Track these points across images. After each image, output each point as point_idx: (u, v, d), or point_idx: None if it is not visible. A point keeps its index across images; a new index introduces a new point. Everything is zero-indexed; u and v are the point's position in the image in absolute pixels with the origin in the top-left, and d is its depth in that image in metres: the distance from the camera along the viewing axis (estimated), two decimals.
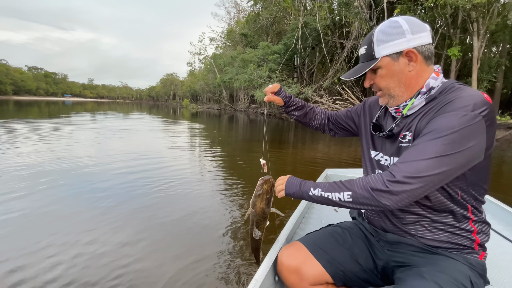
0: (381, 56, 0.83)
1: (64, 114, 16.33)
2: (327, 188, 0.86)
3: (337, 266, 0.95)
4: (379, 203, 0.75)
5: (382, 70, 0.84)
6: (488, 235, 0.88)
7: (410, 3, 14.19)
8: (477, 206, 0.84)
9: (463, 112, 0.71)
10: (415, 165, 0.72)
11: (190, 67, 56.56)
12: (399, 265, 0.90)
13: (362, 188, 0.78)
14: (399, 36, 0.80)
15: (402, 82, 0.84)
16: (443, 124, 0.72)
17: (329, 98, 17.79)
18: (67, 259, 1.87)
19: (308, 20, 19.04)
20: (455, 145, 0.70)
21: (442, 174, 0.71)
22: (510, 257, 1.27)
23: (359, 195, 0.78)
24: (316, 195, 0.88)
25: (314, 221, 1.59)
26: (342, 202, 0.82)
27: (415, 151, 0.74)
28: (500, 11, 13.72)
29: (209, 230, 2.38)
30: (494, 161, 6.74)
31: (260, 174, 1.14)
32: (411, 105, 0.85)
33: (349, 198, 0.80)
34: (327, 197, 0.85)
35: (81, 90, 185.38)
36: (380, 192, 0.74)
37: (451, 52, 12.87)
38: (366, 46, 0.87)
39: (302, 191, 0.92)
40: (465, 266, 0.80)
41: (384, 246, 0.96)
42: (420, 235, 0.87)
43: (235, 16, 40.72)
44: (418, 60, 0.82)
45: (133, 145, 6.40)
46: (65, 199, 2.90)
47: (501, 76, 14.97)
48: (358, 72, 0.87)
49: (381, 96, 0.91)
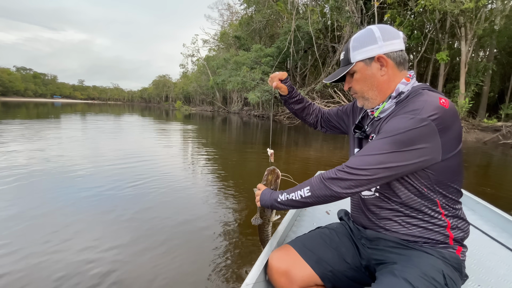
0: (355, 61, 0.89)
1: (54, 115, 15.99)
2: (291, 190, 0.94)
3: (325, 266, 0.97)
4: (331, 191, 0.82)
5: (357, 74, 0.91)
6: (465, 232, 0.89)
7: (400, 8, 14.50)
8: (448, 203, 0.86)
9: (410, 115, 0.76)
10: (363, 158, 0.80)
11: (183, 68, 56.39)
12: (378, 262, 0.93)
13: (317, 180, 0.87)
14: (371, 42, 0.87)
15: (374, 86, 0.90)
16: (392, 125, 0.79)
17: (322, 100, 17.94)
18: (57, 266, 1.81)
19: (300, 23, 19.21)
20: (399, 144, 0.76)
21: (385, 169, 0.78)
22: (498, 258, 1.29)
23: (316, 187, 0.86)
24: (283, 199, 0.94)
25: (306, 224, 1.60)
26: (304, 198, 0.88)
27: (367, 148, 0.82)
28: (487, 16, 14.13)
29: (202, 233, 2.35)
30: (483, 162, 6.90)
31: (267, 164, 1.19)
32: (382, 108, 0.90)
33: (308, 192, 0.87)
34: (292, 198, 0.91)
35: (71, 92, 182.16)
36: (331, 180, 0.83)
37: (440, 56, 13.18)
38: (344, 52, 0.94)
39: (271, 200, 0.98)
40: (438, 260, 0.82)
41: (365, 244, 0.99)
42: (395, 229, 0.90)
43: (228, 19, 40.82)
44: (389, 65, 0.87)
45: (125, 148, 6.30)
46: (54, 204, 2.82)
47: (488, 80, 15.36)
48: (337, 75, 0.94)
49: (357, 98, 0.97)
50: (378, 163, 0.78)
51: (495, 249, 1.37)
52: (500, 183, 4.72)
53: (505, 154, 8.50)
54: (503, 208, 1.74)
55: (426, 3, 11.63)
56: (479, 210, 1.83)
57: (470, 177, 5.01)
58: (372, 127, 0.96)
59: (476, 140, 11.58)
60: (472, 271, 1.17)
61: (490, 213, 1.73)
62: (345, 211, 1.22)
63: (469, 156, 7.74)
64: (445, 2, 11.30)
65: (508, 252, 1.34)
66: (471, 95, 13.91)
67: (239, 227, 2.50)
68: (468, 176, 5.08)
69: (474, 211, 1.85)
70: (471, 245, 1.39)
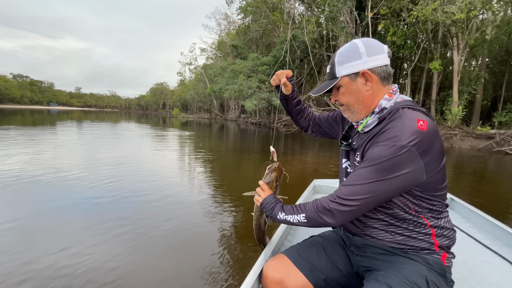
0: (341, 76, 0.90)
1: (49, 122, 15.89)
2: (289, 211, 0.98)
3: (318, 274, 0.97)
4: (325, 221, 0.87)
5: (343, 88, 0.92)
6: (451, 239, 0.90)
7: (393, 18, 14.84)
8: (433, 214, 0.87)
9: (391, 143, 0.78)
10: (352, 189, 0.82)
11: (180, 76, 56.68)
12: (366, 269, 0.94)
13: (311, 209, 0.90)
14: (356, 58, 0.87)
15: (359, 100, 0.91)
16: (374, 154, 0.81)
17: (318, 108, 18.10)
18: (50, 274, 1.77)
19: (296, 33, 19.55)
20: (384, 172, 0.78)
21: (374, 197, 0.81)
22: (490, 266, 1.29)
23: (311, 216, 0.90)
24: (282, 218, 0.99)
25: (301, 233, 1.59)
26: (301, 223, 0.93)
27: (353, 176, 0.84)
28: (478, 26, 14.51)
29: (198, 241, 2.33)
30: (477, 169, 6.96)
31: (264, 171, 1.18)
32: (365, 123, 0.92)
33: (304, 219, 0.92)
34: (290, 220, 0.96)
35: (68, 99, 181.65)
36: (324, 211, 0.87)
37: (433, 65, 13.45)
38: (330, 66, 0.95)
39: (272, 214, 1.03)
40: (422, 266, 0.83)
41: (354, 251, 1.00)
42: (381, 237, 0.92)
43: (226, 28, 41.38)
44: (374, 80, 0.88)
45: (121, 155, 6.26)
46: (49, 211, 2.78)
47: (481, 88, 15.67)
48: (323, 89, 0.96)
49: (343, 111, 0.99)
50: (366, 193, 0.80)
51: (488, 257, 1.38)
52: (493, 191, 4.75)
53: (499, 161, 8.60)
54: (496, 215, 1.75)
55: (418, 14, 11.93)
56: (472, 218, 1.84)
57: (465, 184, 5.05)
58: (357, 140, 0.98)
59: (470, 148, 11.71)
60: (464, 279, 1.17)
61: (483, 221, 1.73)
62: None
63: (463, 164, 7.81)
64: (437, 13, 11.60)
65: (500, 260, 1.35)
66: (465, 103, 14.15)
67: (236, 235, 2.48)
68: (463, 183, 5.11)
69: (467, 219, 1.86)
70: (464, 253, 1.40)
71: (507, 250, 1.44)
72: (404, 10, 14.10)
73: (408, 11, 13.66)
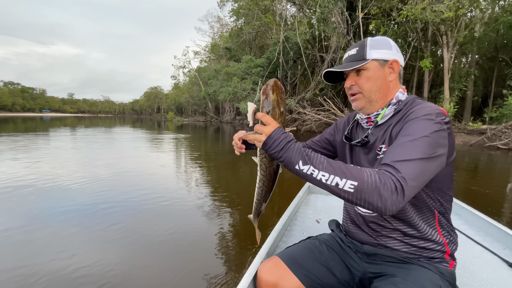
0: (371, 58, 0.88)
1: (42, 129, 15.69)
2: (325, 166, 0.72)
3: (313, 279, 0.96)
4: (382, 204, 0.66)
5: (369, 72, 0.89)
6: (456, 244, 0.92)
7: (383, 18, 15.03)
8: (444, 213, 0.89)
9: (429, 118, 0.77)
10: (410, 165, 0.69)
11: (174, 80, 56.53)
12: (376, 275, 0.92)
13: (372, 181, 0.67)
14: (388, 47, 0.90)
15: (381, 88, 0.90)
16: (416, 127, 0.76)
17: (312, 109, 18.18)
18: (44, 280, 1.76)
19: (289, 34, 19.66)
20: (431, 148, 0.72)
21: (426, 178, 0.72)
22: (481, 261, 1.31)
23: (366, 189, 0.67)
24: (305, 171, 0.73)
25: (296, 233, 1.59)
26: (338, 189, 0.69)
27: (403, 151, 0.72)
28: (467, 24, 14.77)
29: (194, 243, 2.33)
30: (469, 164, 7.07)
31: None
32: (383, 113, 0.91)
33: (351, 188, 0.68)
34: (320, 180, 0.71)
35: (61, 105, 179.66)
36: (390, 191, 0.66)
37: (423, 63, 13.64)
38: (358, 48, 0.91)
39: (287, 156, 0.76)
40: (436, 275, 0.83)
41: (362, 257, 0.99)
42: (395, 247, 0.91)
43: (219, 31, 41.43)
44: (396, 73, 0.91)
45: (116, 159, 6.21)
46: (44, 218, 2.75)
47: (471, 84, 15.93)
48: (348, 66, 0.89)
49: (358, 99, 0.93)
50: (422, 172, 0.70)
51: (479, 253, 1.40)
52: (485, 186, 4.83)
53: (491, 156, 8.74)
54: (488, 210, 1.79)
55: (408, 13, 12.09)
56: (464, 215, 1.87)
57: (457, 180, 5.12)
58: (375, 134, 0.93)
59: (462, 143, 11.88)
60: (456, 275, 1.20)
61: (474, 217, 1.76)
62: (337, 222, 1.21)
63: (456, 159, 7.91)
64: (426, 12, 11.78)
65: (491, 256, 1.37)
66: (456, 99, 14.37)
67: (233, 237, 2.49)
68: (456, 179, 5.18)
69: (459, 216, 1.89)
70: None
71: (498, 246, 1.47)
72: (394, 10, 14.29)
73: (398, 10, 13.86)
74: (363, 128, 1.02)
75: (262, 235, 1.22)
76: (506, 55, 15.79)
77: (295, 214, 1.86)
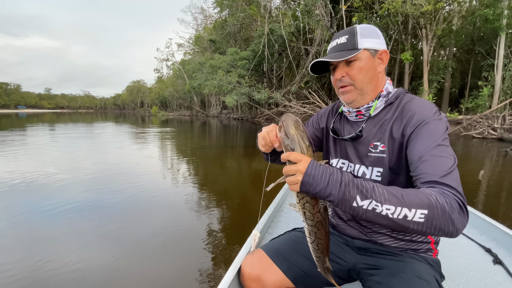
0: (363, 48, 0.83)
1: (19, 127, 14.99)
2: (387, 198, 0.61)
3: (297, 271, 0.95)
4: (454, 228, 0.61)
5: (361, 62, 0.83)
6: None
7: (366, 11, 15.25)
8: None
9: (437, 116, 0.77)
10: (453, 176, 0.67)
11: (158, 73, 55.13)
12: (369, 267, 0.92)
13: (441, 208, 0.60)
14: (377, 36, 0.86)
15: (373, 79, 0.86)
16: (434, 131, 0.75)
17: (297, 102, 18.34)
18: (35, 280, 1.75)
19: (273, 27, 19.55)
20: (450, 147, 0.74)
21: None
22: (459, 247, 1.36)
23: (436, 216, 0.60)
24: (366, 208, 0.62)
25: (282, 225, 1.59)
26: (407, 222, 0.60)
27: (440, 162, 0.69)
28: (445, 17, 15.25)
29: (181, 239, 2.36)
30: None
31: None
32: (375, 106, 0.87)
33: (422, 218, 0.60)
34: (385, 215, 0.61)
35: (37, 101, 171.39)
36: (457, 213, 0.61)
37: (404, 56, 14.02)
38: (347, 36, 0.84)
39: (336, 195, 0.63)
40: (427, 265, 0.84)
41: (353, 250, 0.98)
42: (386, 243, 0.92)
43: (202, 22, 40.58)
44: (385, 64, 0.88)
45: (100, 156, 6.07)
46: (31, 218, 2.69)
47: (449, 76, 16.56)
48: (340, 56, 0.82)
49: (349, 91, 0.87)
50: (458, 175, 0.69)
51: (457, 239, 1.42)
52: (461, 174, 5.10)
53: (467, 145, 9.19)
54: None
55: (389, 6, 12.33)
56: None
57: None
58: (370, 127, 0.89)
59: None
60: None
61: None
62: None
63: None
64: (406, 5, 12.05)
65: (468, 241, 1.41)
66: (434, 91, 14.94)
67: (221, 232, 2.53)
68: None
69: None
70: None
71: (474, 231, 1.52)
72: (376, 3, 14.53)
73: (380, 3, 14.10)
74: (349, 121, 0.97)
75: (248, 228, 1.16)
76: (482, 48, 16.47)
77: (281, 205, 1.85)
